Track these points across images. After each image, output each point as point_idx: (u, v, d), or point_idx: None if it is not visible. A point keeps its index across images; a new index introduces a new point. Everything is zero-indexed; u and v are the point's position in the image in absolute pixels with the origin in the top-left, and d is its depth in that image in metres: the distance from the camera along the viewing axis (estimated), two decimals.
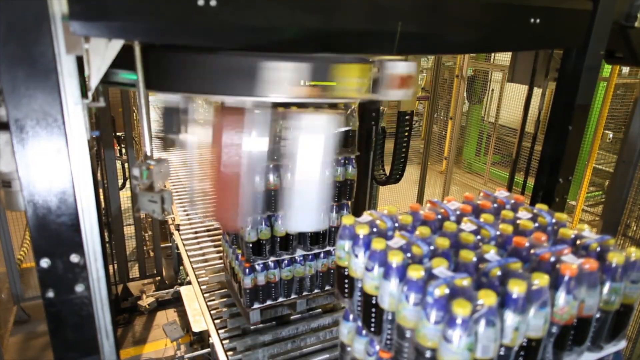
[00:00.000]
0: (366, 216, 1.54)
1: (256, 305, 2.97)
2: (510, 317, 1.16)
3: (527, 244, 1.38)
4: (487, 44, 2.21)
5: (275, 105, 1.98)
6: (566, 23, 2.21)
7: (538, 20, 2.04)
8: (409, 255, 1.33)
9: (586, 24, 2.22)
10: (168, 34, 1.51)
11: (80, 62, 1.41)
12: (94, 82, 1.46)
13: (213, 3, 1.45)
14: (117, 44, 1.46)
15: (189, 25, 1.49)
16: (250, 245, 2.78)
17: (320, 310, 3.28)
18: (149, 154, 1.78)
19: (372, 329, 1.41)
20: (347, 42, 1.74)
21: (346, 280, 1.52)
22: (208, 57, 1.64)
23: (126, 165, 5.48)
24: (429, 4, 1.83)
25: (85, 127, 1.43)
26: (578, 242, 1.46)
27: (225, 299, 3.35)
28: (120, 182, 5.17)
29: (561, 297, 1.25)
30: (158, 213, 1.74)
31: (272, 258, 2.90)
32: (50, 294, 1.48)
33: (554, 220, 1.60)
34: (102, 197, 4.63)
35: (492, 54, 7.66)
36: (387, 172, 4.47)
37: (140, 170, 1.72)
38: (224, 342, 2.95)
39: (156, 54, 1.68)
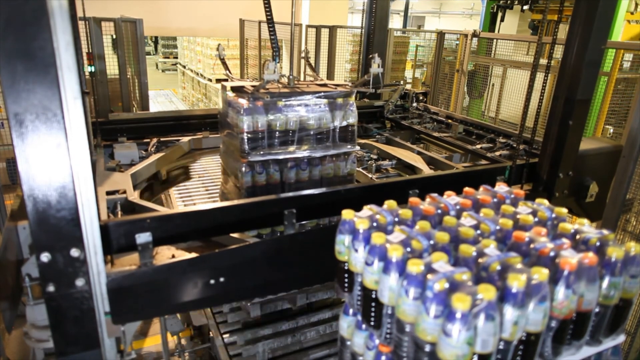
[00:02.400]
0: (366, 210, 1.54)
1: (256, 300, 2.97)
2: (510, 312, 1.16)
3: (526, 239, 1.38)
4: None
5: None
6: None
7: None
8: (408, 249, 1.33)
9: None
10: (186, 308, 1.95)
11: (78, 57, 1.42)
12: (128, 344, 1.81)
13: (222, 279, 1.83)
14: None
15: (204, 297, 1.84)
16: None
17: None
18: None
19: (372, 323, 1.42)
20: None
21: (346, 275, 1.52)
22: None
23: None
24: None
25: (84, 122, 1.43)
26: (578, 236, 1.46)
27: None
28: None
29: (560, 291, 1.25)
30: None
31: None
32: (51, 288, 1.48)
33: (553, 215, 1.59)
34: None
35: (493, 49, 7.63)
36: None
37: None
38: (224, 336, 2.96)
39: None
